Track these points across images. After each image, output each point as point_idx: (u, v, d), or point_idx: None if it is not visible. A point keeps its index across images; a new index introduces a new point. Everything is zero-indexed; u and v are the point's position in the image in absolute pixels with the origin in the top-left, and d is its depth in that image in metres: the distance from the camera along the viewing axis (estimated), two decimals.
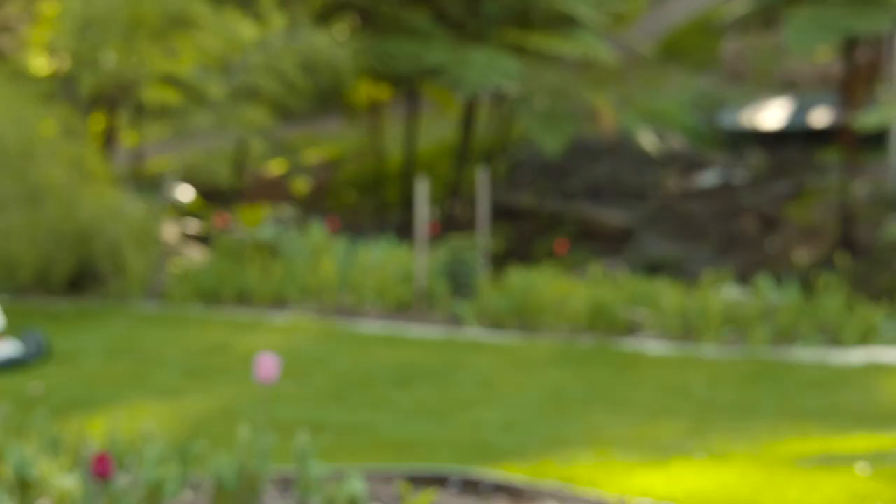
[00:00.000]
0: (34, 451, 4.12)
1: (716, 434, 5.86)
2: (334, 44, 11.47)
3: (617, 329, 8.87)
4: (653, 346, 8.36)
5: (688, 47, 26.40)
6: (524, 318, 9.18)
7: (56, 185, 9.40)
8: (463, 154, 16.48)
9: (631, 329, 8.99)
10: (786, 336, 8.46)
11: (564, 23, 14.58)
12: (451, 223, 16.42)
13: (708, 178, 18.16)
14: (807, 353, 8.09)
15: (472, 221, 15.96)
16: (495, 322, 9.20)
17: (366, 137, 19.88)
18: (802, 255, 14.66)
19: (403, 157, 18.08)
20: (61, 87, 13.34)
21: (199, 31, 10.85)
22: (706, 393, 6.92)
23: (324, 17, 14.17)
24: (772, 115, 19.22)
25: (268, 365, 4.10)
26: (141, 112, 16.50)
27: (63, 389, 6.77)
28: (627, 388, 7.10)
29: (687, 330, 8.78)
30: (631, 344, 8.44)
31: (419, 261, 9.72)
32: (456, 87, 14.43)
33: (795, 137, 18.70)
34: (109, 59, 10.50)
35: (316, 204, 20.07)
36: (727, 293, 9.10)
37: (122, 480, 4.04)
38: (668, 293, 9.31)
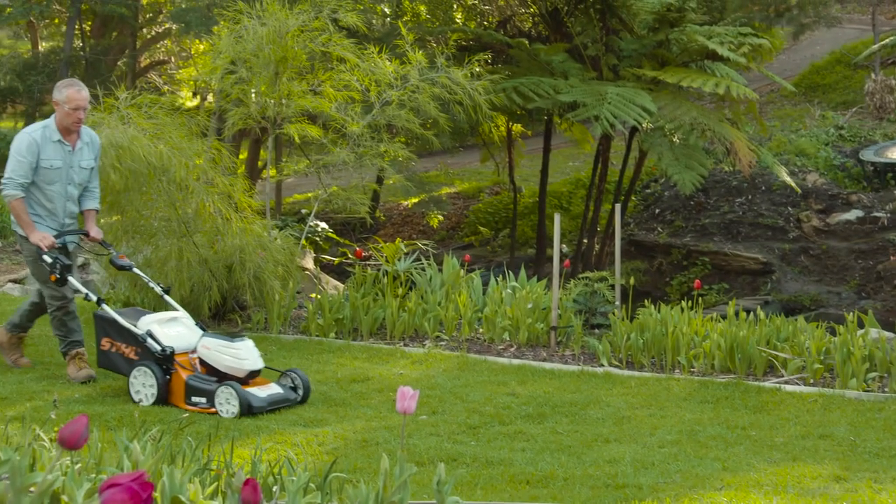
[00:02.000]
0: (184, 477, 4.27)
1: (861, 480, 5.70)
2: (470, 80, 11.62)
3: (755, 369, 8.72)
4: (793, 387, 8.18)
5: (830, 81, 25.82)
6: (659, 354, 9.11)
7: (206, 215, 9.75)
8: (597, 189, 16.43)
9: (770, 369, 8.82)
10: None
11: (703, 58, 14.45)
12: (584, 258, 16.37)
13: (850, 214, 17.68)
14: None
15: (605, 256, 15.88)
16: (629, 358, 9.15)
17: (500, 172, 20.00)
18: None
19: (537, 192, 18.12)
20: (211, 121, 13.84)
21: (341, 69, 11.13)
22: (850, 437, 6.73)
23: (460, 54, 14.36)
24: None
25: (406, 396, 4.17)
26: (283, 146, 16.95)
27: (208, 417, 6.98)
28: (766, 429, 6.95)
29: (829, 371, 8.57)
30: (770, 384, 8.27)
31: (553, 295, 9.72)
32: (591, 122, 14.43)
33: None
34: (256, 96, 10.86)
35: (451, 237, 20.26)
36: (871, 334, 8.84)
37: None
38: (808, 333, 9.11)
